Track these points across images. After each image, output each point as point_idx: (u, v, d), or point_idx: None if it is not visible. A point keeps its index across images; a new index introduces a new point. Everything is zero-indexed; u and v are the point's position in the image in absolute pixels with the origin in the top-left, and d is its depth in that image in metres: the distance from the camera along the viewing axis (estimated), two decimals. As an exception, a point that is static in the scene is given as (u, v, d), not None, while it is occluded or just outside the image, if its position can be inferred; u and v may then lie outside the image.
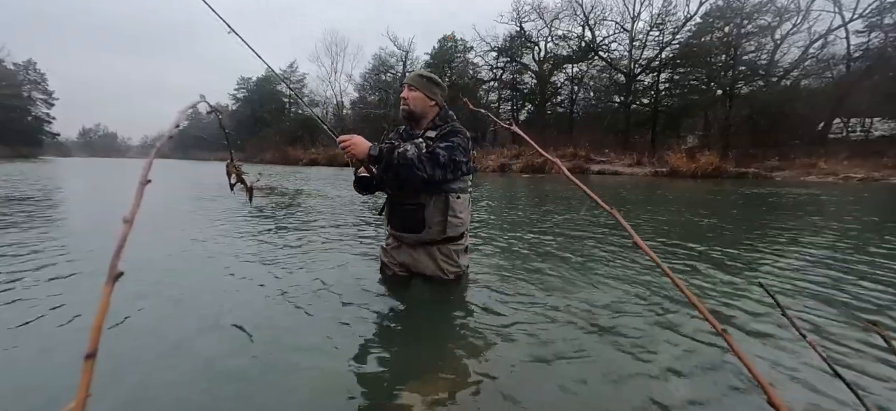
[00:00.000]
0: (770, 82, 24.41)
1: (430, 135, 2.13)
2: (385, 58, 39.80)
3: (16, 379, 1.39)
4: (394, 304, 2.04)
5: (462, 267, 2.27)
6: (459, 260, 2.25)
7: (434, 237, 2.15)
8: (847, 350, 1.66)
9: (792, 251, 3.49)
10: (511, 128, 0.91)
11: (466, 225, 2.24)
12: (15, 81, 45.74)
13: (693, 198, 9.22)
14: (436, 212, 2.11)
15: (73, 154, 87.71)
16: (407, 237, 2.21)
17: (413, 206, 2.12)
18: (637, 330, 1.80)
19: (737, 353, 0.47)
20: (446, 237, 2.16)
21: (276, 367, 1.45)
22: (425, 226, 2.13)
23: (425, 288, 2.18)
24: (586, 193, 0.66)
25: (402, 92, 2.16)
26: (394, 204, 2.21)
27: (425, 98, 2.15)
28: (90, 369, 0.32)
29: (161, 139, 0.51)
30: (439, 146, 2.02)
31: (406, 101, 2.15)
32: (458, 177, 2.10)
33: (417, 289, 2.19)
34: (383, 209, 2.33)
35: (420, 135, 2.15)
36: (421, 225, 2.13)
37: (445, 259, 2.20)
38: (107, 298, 0.34)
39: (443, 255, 2.20)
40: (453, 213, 2.12)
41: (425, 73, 2.22)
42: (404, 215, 2.16)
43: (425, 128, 2.18)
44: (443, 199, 2.11)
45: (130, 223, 0.39)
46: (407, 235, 2.20)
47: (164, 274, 2.48)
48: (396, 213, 2.20)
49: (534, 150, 0.84)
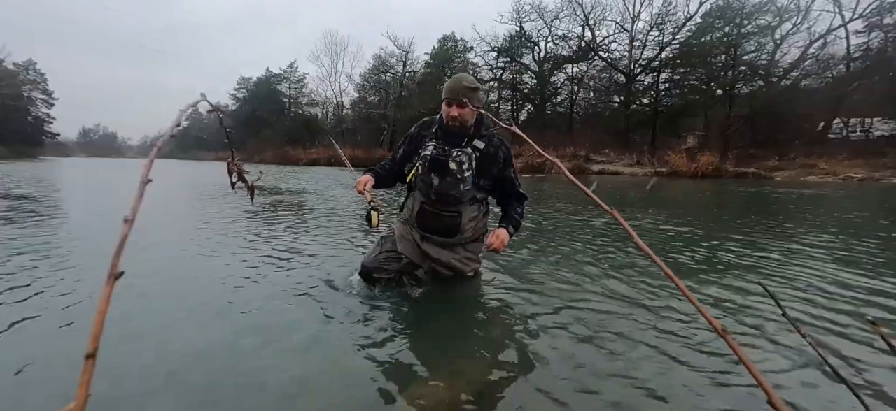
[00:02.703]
0: (770, 82, 24.40)
1: (479, 145, 2.08)
2: (385, 58, 39.82)
3: (16, 378, 1.39)
4: (393, 305, 2.04)
5: (480, 263, 2.35)
6: (479, 256, 2.32)
7: (464, 239, 2.20)
8: (847, 350, 1.66)
9: (792, 251, 3.49)
10: (511, 128, 0.91)
11: (486, 225, 2.31)
12: (15, 81, 45.70)
13: (693, 198, 9.22)
14: (470, 219, 2.16)
15: (72, 154, 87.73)
16: (436, 238, 2.19)
17: (452, 213, 2.13)
18: (637, 331, 1.80)
19: (737, 354, 0.47)
20: (473, 237, 2.22)
21: (290, 364, 1.45)
22: (459, 232, 2.16)
23: (443, 283, 2.23)
24: (586, 194, 0.66)
25: (449, 109, 2.02)
26: (427, 210, 2.15)
27: (474, 110, 2.04)
28: (90, 369, 0.32)
29: (162, 138, 0.51)
30: (518, 184, 2.20)
31: (458, 118, 2.03)
32: None
33: (434, 284, 2.25)
34: (404, 207, 2.29)
35: (465, 144, 2.08)
36: (456, 230, 2.15)
37: (470, 255, 2.25)
38: (107, 297, 0.34)
39: (467, 252, 2.23)
40: (484, 217, 2.23)
41: (471, 82, 2.07)
42: (440, 221, 2.14)
43: (471, 137, 2.09)
44: (476, 206, 2.18)
45: (131, 222, 0.38)
46: (438, 237, 2.19)
47: (165, 273, 2.48)
48: (430, 218, 2.15)
49: (534, 151, 0.84)
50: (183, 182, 11.25)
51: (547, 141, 25.18)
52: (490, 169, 2.12)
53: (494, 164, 2.12)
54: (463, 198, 2.10)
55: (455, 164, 2.03)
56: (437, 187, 2.08)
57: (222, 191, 7.56)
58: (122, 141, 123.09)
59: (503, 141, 2.16)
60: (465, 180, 2.05)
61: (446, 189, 2.07)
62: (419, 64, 38.16)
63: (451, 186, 2.06)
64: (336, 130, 42.63)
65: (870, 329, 1.80)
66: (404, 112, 34.12)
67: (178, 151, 61.44)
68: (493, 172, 2.13)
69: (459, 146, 2.07)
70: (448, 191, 2.07)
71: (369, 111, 39.33)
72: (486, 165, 2.10)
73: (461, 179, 2.05)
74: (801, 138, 21.96)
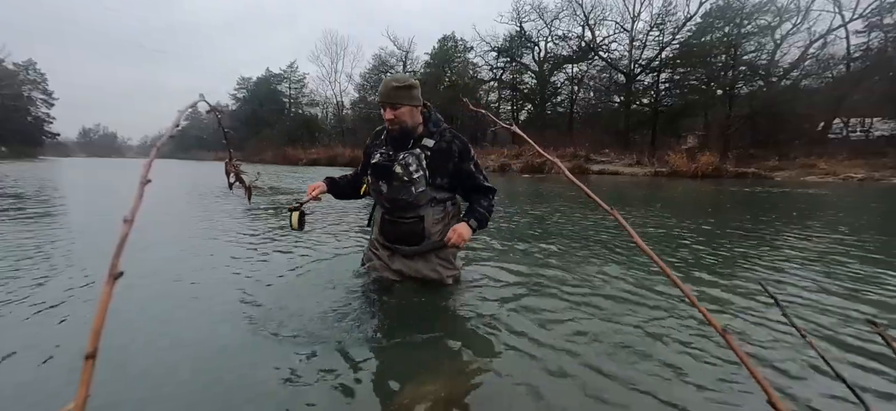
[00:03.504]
0: (770, 82, 24.40)
1: (429, 144, 1.99)
2: (385, 58, 39.82)
3: (16, 378, 1.39)
4: (391, 309, 2.04)
5: (458, 268, 2.26)
6: (455, 262, 2.23)
7: (434, 245, 2.10)
8: (847, 349, 1.66)
9: (792, 251, 3.49)
10: (511, 128, 0.91)
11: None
12: (15, 81, 45.70)
13: (693, 198, 9.22)
14: (435, 222, 2.06)
15: (72, 154, 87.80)
16: (404, 249, 2.12)
17: (411, 219, 2.04)
18: (637, 331, 1.80)
19: (737, 353, 0.47)
20: (445, 242, 2.05)
21: (282, 363, 1.45)
22: (425, 238, 2.06)
23: (422, 292, 2.12)
24: (587, 194, 0.66)
25: (384, 113, 1.93)
26: (386, 219, 2.10)
27: (412, 108, 1.95)
28: (90, 369, 0.32)
29: (161, 139, 0.51)
30: (482, 177, 2.06)
31: (394, 120, 1.93)
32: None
33: (414, 293, 2.14)
34: (371, 220, 2.26)
35: (412, 146, 1.99)
36: (421, 237, 2.06)
37: (443, 263, 2.15)
38: (107, 297, 0.33)
39: (440, 260, 2.15)
40: (454, 218, 2.10)
41: (400, 80, 1.95)
42: (402, 230, 2.06)
43: (419, 137, 2.01)
44: (440, 208, 2.07)
45: (131, 222, 0.38)
46: (404, 248, 2.12)
47: (164, 273, 2.48)
48: (392, 228, 2.09)
49: (534, 151, 0.84)
50: (183, 182, 11.25)
51: (547, 141, 25.17)
52: (444, 165, 2.00)
53: (448, 160, 2.00)
54: (419, 202, 2.00)
55: (400, 168, 1.94)
56: (386, 194, 2.01)
57: (222, 191, 7.56)
58: (122, 141, 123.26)
59: (458, 135, 2.05)
60: (416, 182, 1.95)
61: (396, 194, 1.98)
62: (419, 64, 38.18)
63: (401, 191, 1.96)
64: (336, 130, 42.61)
65: (870, 329, 1.80)
66: (404, 112, 34.10)
67: (178, 151, 61.46)
68: (449, 168, 2.01)
69: (407, 149, 1.99)
70: (399, 196, 1.98)
71: (369, 111, 39.27)
72: (440, 162, 1.99)
73: (411, 182, 1.94)
74: (801, 138, 21.97)
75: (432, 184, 2.00)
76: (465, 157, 2.04)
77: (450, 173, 2.03)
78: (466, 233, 1.95)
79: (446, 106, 32.51)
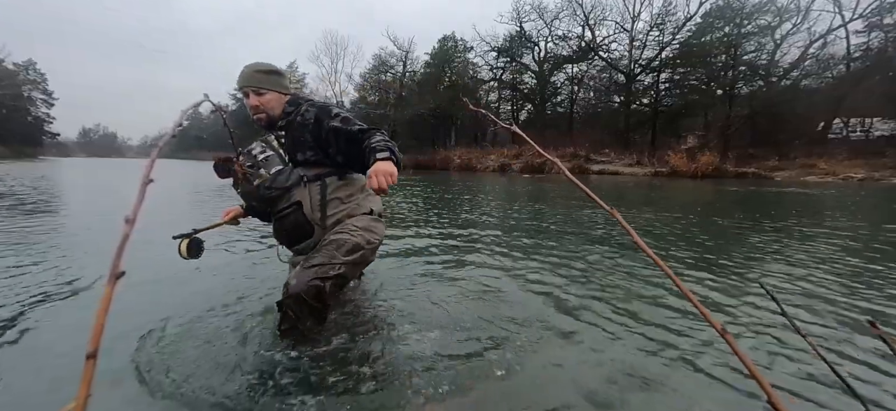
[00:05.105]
0: (770, 82, 24.40)
1: (282, 124, 1.76)
2: (385, 58, 39.78)
3: (16, 378, 1.39)
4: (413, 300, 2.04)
5: (372, 231, 1.78)
6: (358, 227, 1.74)
7: (329, 226, 1.74)
8: (847, 350, 1.66)
9: (791, 251, 3.49)
10: (511, 128, 0.91)
11: (363, 200, 1.82)
12: (15, 81, 45.71)
13: (693, 198, 9.22)
14: (317, 206, 1.72)
15: (72, 154, 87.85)
16: (303, 247, 1.77)
17: (287, 209, 1.72)
18: (636, 331, 1.80)
19: (737, 353, 0.47)
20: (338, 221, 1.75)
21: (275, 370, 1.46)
22: (313, 226, 1.72)
23: (429, 277, 2.13)
24: (587, 194, 0.66)
25: (248, 100, 1.72)
26: (274, 222, 1.79)
27: (280, 95, 1.76)
28: (91, 368, 0.32)
29: (164, 138, 0.51)
30: (355, 126, 1.65)
31: (260, 108, 1.72)
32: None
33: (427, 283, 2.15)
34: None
35: (272, 132, 1.78)
36: (308, 227, 1.72)
37: (342, 236, 1.71)
38: (108, 298, 0.33)
39: (338, 233, 1.72)
40: (339, 200, 1.75)
41: (263, 65, 1.75)
42: (286, 226, 1.73)
43: (280, 127, 1.78)
44: (317, 187, 1.72)
45: (133, 222, 0.38)
46: (302, 245, 1.76)
47: (164, 273, 2.48)
48: (279, 227, 1.77)
49: (534, 151, 0.84)
50: (184, 182, 11.25)
51: (547, 141, 25.18)
52: (303, 136, 1.71)
53: (305, 130, 1.71)
54: (285, 186, 1.70)
55: (243, 156, 1.72)
56: (241, 192, 1.76)
57: (222, 190, 7.56)
58: (122, 141, 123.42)
59: (312, 102, 1.80)
60: (264, 163, 1.70)
61: (254, 184, 1.71)
62: (419, 64, 38.15)
63: (255, 177, 1.70)
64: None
65: (870, 329, 1.80)
66: (404, 112, 34.12)
67: (179, 151, 61.50)
68: (308, 139, 1.71)
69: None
70: (260, 187, 1.70)
71: (369, 111, 39.26)
72: (298, 135, 1.72)
73: (256, 165, 1.70)
74: (800, 138, 21.96)
75: (297, 161, 1.73)
76: (326, 115, 1.70)
77: (313, 144, 1.71)
78: (386, 168, 1.40)
79: (446, 106, 32.69)
